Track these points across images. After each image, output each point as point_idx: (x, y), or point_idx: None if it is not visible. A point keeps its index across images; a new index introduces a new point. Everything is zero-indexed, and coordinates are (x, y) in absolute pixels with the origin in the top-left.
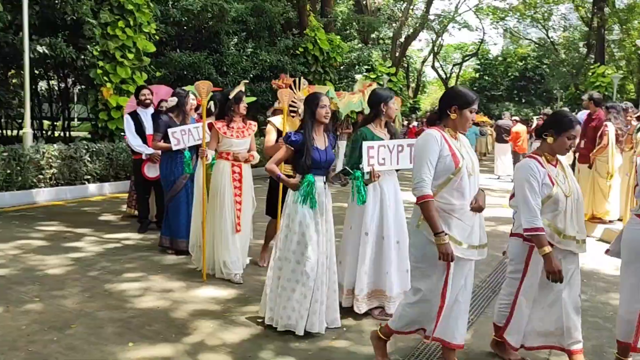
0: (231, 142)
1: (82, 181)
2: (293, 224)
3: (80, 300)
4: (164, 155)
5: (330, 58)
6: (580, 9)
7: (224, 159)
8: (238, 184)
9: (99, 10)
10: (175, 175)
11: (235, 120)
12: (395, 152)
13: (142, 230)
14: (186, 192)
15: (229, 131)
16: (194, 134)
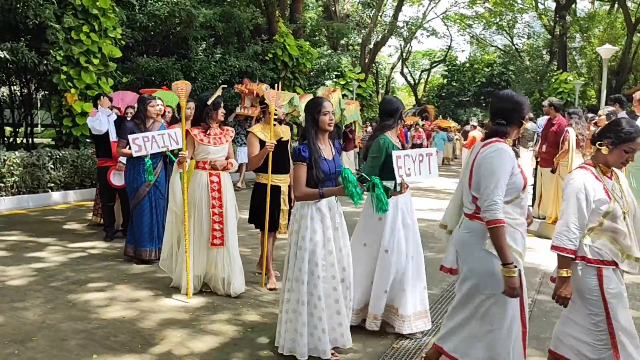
0: (208, 150)
1: (45, 189)
2: (303, 242)
3: (42, 311)
4: (128, 162)
5: (300, 64)
6: (543, 17)
7: (200, 169)
8: (217, 194)
9: (62, 14)
10: (138, 183)
11: (212, 127)
12: (417, 162)
13: (108, 239)
14: (149, 200)
15: (206, 138)
16: (157, 141)
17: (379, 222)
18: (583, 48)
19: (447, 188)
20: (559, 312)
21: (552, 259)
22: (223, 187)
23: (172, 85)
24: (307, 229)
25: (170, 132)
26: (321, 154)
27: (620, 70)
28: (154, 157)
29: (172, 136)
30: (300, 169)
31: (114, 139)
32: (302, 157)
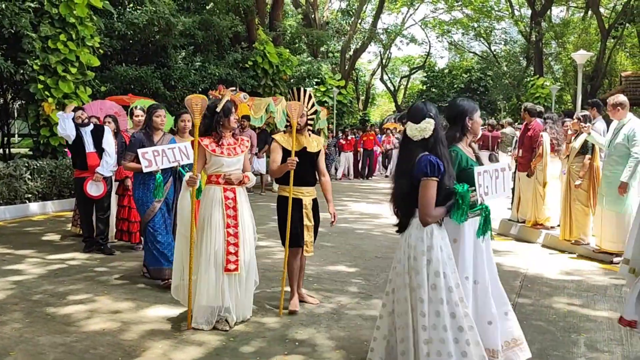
0: (221, 162)
1: (23, 200)
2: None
3: (20, 325)
4: (136, 177)
5: (280, 71)
6: (519, 23)
7: (213, 184)
8: (232, 212)
9: (39, 23)
10: (148, 199)
11: (225, 136)
12: (494, 179)
13: (87, 250)
14: (162, 217)
15: (219, 149)
16: (168, 156)
17: (453, 245)
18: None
19: None
20: (539, 315)
21: (532, 262)
22: (239, 203)
23: (186, 100)
24: (440, 261)
25: (181, 146)
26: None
27: (595, 75)
28: (164, 172)
29: (183, 150)
30: (433, 187)
31: (90, 149)
32: (438, 172)
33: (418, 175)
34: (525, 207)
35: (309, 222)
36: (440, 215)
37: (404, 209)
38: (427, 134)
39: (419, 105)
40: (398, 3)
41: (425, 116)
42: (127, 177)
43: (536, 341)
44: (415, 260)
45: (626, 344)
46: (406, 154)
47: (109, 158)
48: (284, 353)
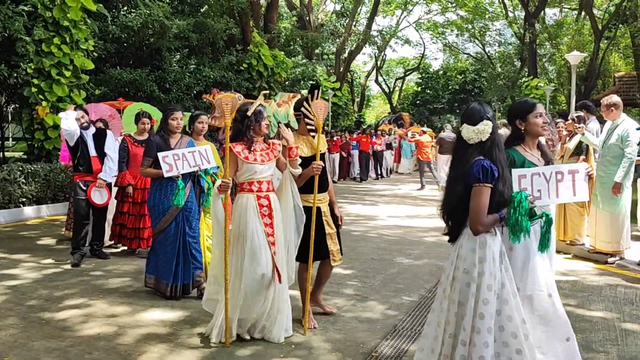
0: (254, 169)
1: (17, 204)
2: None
3: (15, 330)
4: (153, 182)
5: (275, 74)
6: (513, 25)
7: (246, 192)
8: (269, 220)
9: (32, 26)
10: (165, 206)
11: (256, 141)
12: (553, 182)
13: (75, 261)
14: (177, 227)
15: (251, 155)
16: (188, 160)
17: (509, 253)
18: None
19: (424, 194)
20: None
21: None
22: (274, 210)
23: (216, 100)
24: (492, 274)
25: (201, 149)
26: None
27: (589, 76)
28: (183, 177)
29: (204, 154)
30: (486, 194)
31: (93, 153)
32: (491, 178)
33: (470, 181)
34: None
35: (331, 229)
36: (492, 223)
37: (456, 217)
38: (484, 136)
39: (476, 107)
40: (392, 5)
41: (482, 118)
42: (130, 184)
43: None
44: (466, 273)
45: (621, 344)
46: (461, 158)
47: (112, 163)
48: (281, 356)
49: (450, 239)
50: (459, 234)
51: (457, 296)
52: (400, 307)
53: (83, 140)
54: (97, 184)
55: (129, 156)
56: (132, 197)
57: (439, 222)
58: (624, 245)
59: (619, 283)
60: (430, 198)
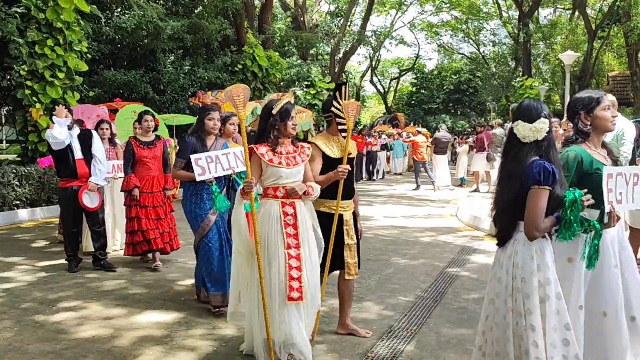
0: (279, 173)
1: (11, 207)
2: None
3: (8, 334)
4: (187, 187)
5: (270, 74)
6: (507, 25)
7: (270, 197)
8: (293, 230)
9: (25, 28)
10: (202, 211)
11: (283, 144)
12: (631, 185)
13: (73, 270)
14: (218, 232)
15: (276, 158)
16: (222, 162)
17: (567, 265)
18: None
19: (419, 195)
20: None
21: None
22: (300, 220)
23: (225, 91)
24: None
25: (236, 150)
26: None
27: (583, 75)
28: (218, 181)
29: (239, 156)
30: (544, 197)
31: (78, 156)
32: (552, 180)
33: (528, 183)
34: None
35: (351, 240)
36: (548, 228)
37: (507, 220)
38: (540, 135)
39: (532, 103)
40: (387, 5)
41: (539, 115)
42: (136, 186)
43: None
44: (524, 282)
45: None
46: (514, 157)
47: (101, 165)
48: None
49: (500, 242)
50: (509, 238)
51: (522, 308)
52: (396, 308)
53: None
54: (89, 187)
55: (134, 159)
56: (138, 201)
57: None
58: None
59: None
60: (426, 198)
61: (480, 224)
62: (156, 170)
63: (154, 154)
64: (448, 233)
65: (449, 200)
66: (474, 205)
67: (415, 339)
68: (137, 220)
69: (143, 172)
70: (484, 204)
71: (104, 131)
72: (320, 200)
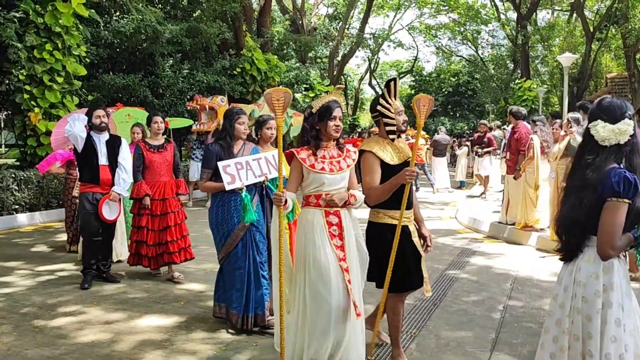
0: (322, 179)
1: (10, 211)
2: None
3: (8, 339)
4: (214, 197)
5: (269, 77)
6: (506, 27)
7: (313, 206)
8: (339, 242)
9: (24, 33)
10: (231, 225)
11: (326, 147)
12: None
13: (84, 285)
14: (244, 248)
15: (319, 163)
16: (253, 168)
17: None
18: (545, 56)
19: (419, 197)
20: (530, 317)
21: (522, 264)
22: (345, 230)
23: (265, 94)
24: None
25: (267, 155)
26: None
27: (581, 77)
28: (249, 189)
29: (271, 161)
30: (623, 211)
31: (103, 162)
32: (633, 192)
33: (605, 194)
34: (514, 209)
35: (423, 254)
36: (625, 246)
37: (577, 234)
38: (623, 138)
39: (615, 101)
40: (385, 8)
41: (624, 115)
42: (147, 194)
43: (527, 343)
44: (586, 303)
45: None
46: (591, 163)
47: (126, 175)
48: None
49: (564, 257)
50: (576, 253)
51: (580, 331)
52: None
53: (92, 145)
54: (111, 196)
55: (144, 164)
56: (150, 209)
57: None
58: None
59: None
60: (425, 200)
61: (480, 226)
62: (167, 175)
63: (165, 158)
64: (447, 235)
65: (448, 203)
66: (473, 208)
67: (415, 341)
68: (146, 231)
69: (153, 178)
70: (483, 206)
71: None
72: (380, 211)
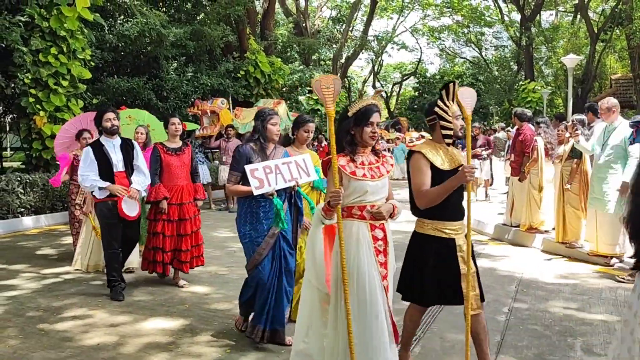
0: (365, 187)
1: (16, 214)
2: None
3: (13, 342)
4: (241, 205)
5: (272, 80)
6: (509, 28)
7: (356, 219)
8: (383, 258)
9: (29, 36)
10: (259, 234)
11: (363, 152)
12: None
13: (119, 297)
14: (273, 259)
15: (359, 169)
16: (283, 173)
17: None
18: (549, 58)
19: None
20: (535, 319)
21: (527, 266)
22: (389, 246)
23: (314, 82)
24: None
25: (298, 159)
26: None
27: (585, 79)
28: (278, 195)
29: (301, 165)
30: None
31: (120, 168)
32: None
33: None
34: (519, 211)
35: (471, 268)
36: None
37: None
38: None
39: None
40: (388, 10)
41: None
42: (165, 197)
43: (532, 346)
44: None
45: None
46: None
47: (145, 178)
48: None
49: (637, 264)
50: None
51: None
52: (401, 313)
53: (104, 154)
54: (131, 192)
55: (162, 167)
56: (168, 214)
57: None
58: (623, 247)
59: (619, 286)
60: None
61: (485, 228)
62: (184, 179)
63: (183, 161)
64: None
65: None
66: (478, 210)
67: (419, 344)
68: (162, 237)
69: (171, 181)
70: (487, 208)
71: (87, 140)
72: (427, 221)
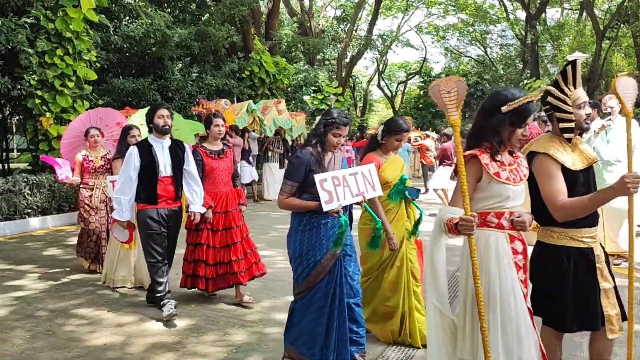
0: (507, 192)
1: (23, 215)
2: None
3: (21, 342)
4: (298, 220)
5: (277, 80)
6: (515, 27)
7: (494, 227)
8: (523, 275)
9: (35, 38)
10: (319, 254)
11: (502, 153)
12: None
13: (173, 312)
14: (330, 283)
15: (503, 171)
16: (351, 186)
17: None
18: (554, 56)
19: (428, 198)
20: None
21: None
22: (529, 260)
23: (431, 87)
24: None
25: (363, 170)
26: None
27: (591, 77)
28: (344, 209)
29: (367, 176)
30: None
31: (167, 173)
32: None
33: None
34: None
35: (608, 284)
36: None
37: None
38: None
39: None
40: (393, 9)
41: None
42: (210, 206)
43: None
44: None
45: None
46: None
47: (200, 188)
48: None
49: None
50: None
51: None
52: None
53: (151, 153)
54: (193, 218)
55: (204, 171)
56: (212, 223)
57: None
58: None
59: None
60: (434, 202)
61: None
62: (228, 184)
63: (226, 165)
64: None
65: None
66: None
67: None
68: (205, 248)
69: (215, 187)
70: None
71: (136, 138)
72: (557, 229)
